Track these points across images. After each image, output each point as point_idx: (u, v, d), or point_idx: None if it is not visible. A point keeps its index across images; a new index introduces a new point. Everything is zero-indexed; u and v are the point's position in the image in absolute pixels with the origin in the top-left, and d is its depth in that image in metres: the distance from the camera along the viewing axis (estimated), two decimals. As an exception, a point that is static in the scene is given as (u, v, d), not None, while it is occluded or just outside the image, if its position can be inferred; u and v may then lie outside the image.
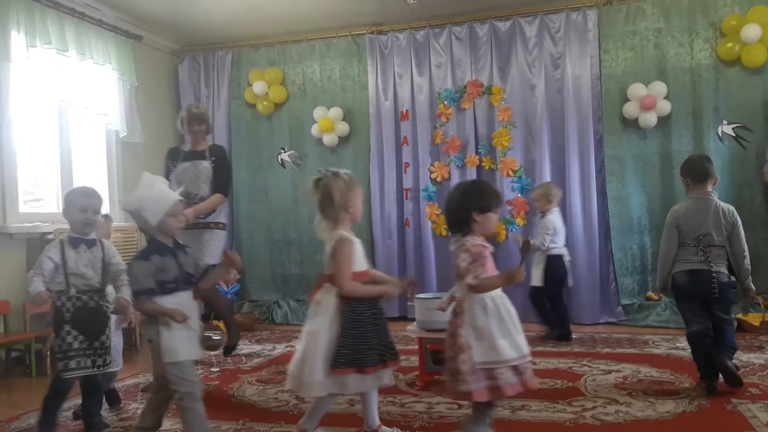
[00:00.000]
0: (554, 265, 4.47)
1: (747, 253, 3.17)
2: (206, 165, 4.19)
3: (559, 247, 4.51)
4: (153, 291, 2.40)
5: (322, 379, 2.37)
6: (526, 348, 2.29)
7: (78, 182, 5.08)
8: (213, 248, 4.26)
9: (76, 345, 2.69)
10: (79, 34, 4.88)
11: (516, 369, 2.24)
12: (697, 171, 3.22)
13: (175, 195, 2.53)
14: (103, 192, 5.38)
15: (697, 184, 3.21)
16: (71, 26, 4.80)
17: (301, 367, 2.42)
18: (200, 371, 4.03)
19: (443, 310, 2.41)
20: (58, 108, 4.91)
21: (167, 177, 4.08)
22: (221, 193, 4.19)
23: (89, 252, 2.78)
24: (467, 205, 2.37)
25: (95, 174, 5.38)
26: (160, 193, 2.53)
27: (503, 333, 2.27)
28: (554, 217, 4.54)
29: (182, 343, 2.42)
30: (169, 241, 2.51)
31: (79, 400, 3.05)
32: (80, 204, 2.76)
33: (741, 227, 3.17)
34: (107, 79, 5.25)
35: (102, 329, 2.77)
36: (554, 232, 4.46)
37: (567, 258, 4.57)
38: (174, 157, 4.31)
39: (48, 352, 3.03)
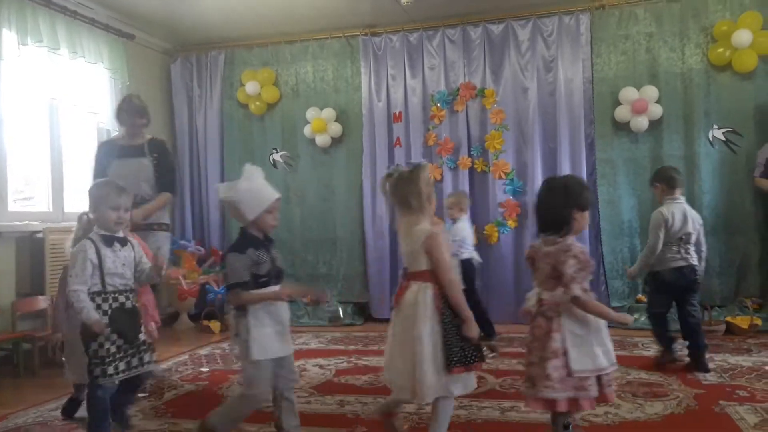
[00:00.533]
0: (467, 269, 4.57)
1: None
2: (146, 162, 3.89)
3: (470, 251, 4.63)
4: (249, 284, 2.39)
5: (435, 382, 2.28)
6: (614, 357, 2.27)
7: (69, 181, 5.07)
8: (161, 251, 4.18)
9: (113, 350, 2.54)
10: (71, 33, 4.86)
11: (600, 380, 2.21)
12: (672, 178, 3.69)
13: (274, 192, 2.55)
14: (94, 191, 5.36)
15: (672, 190, 3.67)
16: (63, 24, 4.78)
17: (410, 374, 2.30)
18: (190, 371, 4.02)
19: (530, 313, 2.33)
20: (49, 106, 4.88)
21: (101, 174, 3.75)
22: (168, 192, 3.94)
23: (123, 251, 2.66)
24: (569, 202, 2.27)
25: (86, 173, 5.34)
26: (261, 189, 2.53)
27: (598, 341, 2.23)
28: (464, 224, 4.68)
29: (271, 340, 2.40)
30: (261, 235, 2.51)
31: (65, 398, 3.03)
32: (112, 202, 2.61)
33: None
34: (99, 78, 5.23)
35: (138, 329, 2.66)
36: (462, 240, 4.58)
37: (477, 260, 4.69)
38: (108, 152, 3.95)
39: (57, 351, 2.88)
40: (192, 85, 6.34)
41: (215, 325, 5.46)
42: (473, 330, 2.31)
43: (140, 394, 3.21)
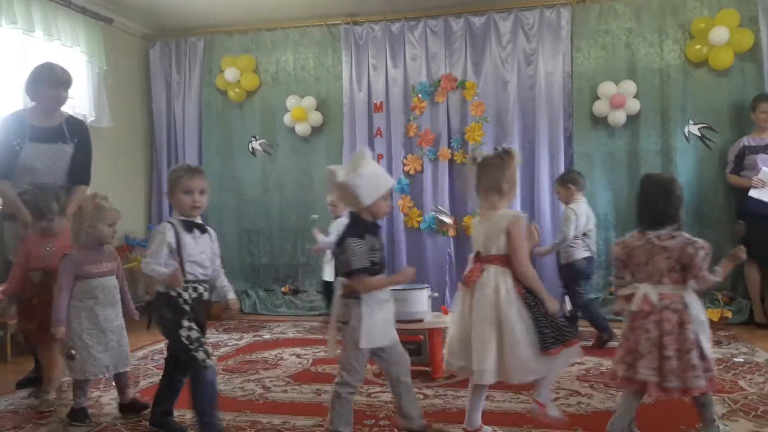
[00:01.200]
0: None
1: None
2: (68, 149, 3.34)
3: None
4: (368, 270, 2.34)
5: (535, 365, 2.32)
6: None
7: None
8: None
9: (198, 336, 2.48)
10: (47, 15, 4.76)
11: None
12: (580, 182, 4.25)
13: (390, 178, 2.48)
14: (69, 177, 5.28)
15: (581, 191, 4.23)
16: (38, 6, 4.68)
17: (497, 356, 2.33)
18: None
19: (644, 311, 2.33)
20: (23, 90, 4.77)
21: (11, 160, 3.24)
22: (85, 185, 3.40)
23: (203, 238, 2.55)
24: (680, 198, 2.42)
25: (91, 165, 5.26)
26: (380, 173, 2.47)
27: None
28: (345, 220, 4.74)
29: (379, 329, 2.39)
30: (371, 221, 2.45)
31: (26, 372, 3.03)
32: (184, 185, 2.48)
33: None
34: (75, 62, 5.12)
35: (206, 324, 2.59)
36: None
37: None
38: (19, 133, 3.26)
39: (71, 352, 2.74)
40: (171, 71, 6.25)
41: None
42: (554, 305, 2.38)
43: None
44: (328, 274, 4.79)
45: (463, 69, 5.59)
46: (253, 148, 6.10)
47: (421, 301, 3.45)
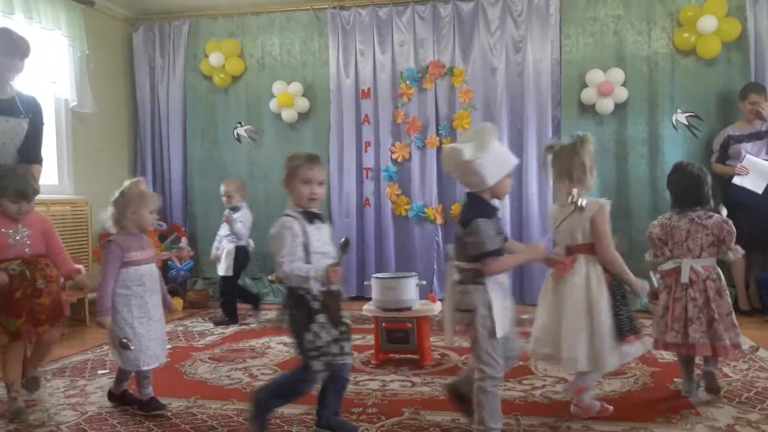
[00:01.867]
0: (242, 255, 4.81)
1: None
2: (24, 124, 3.09)
3: (246, 238, 4.87)
4: (499, 252, 2.24)
5: (617, 353, 2.40)
6: None
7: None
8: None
9: (328, 338, 2.32)
10: (26, -4, 4.65)
11: None
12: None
13: (514, 157, 2.36)
14: (52, 163, 5.19)
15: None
16: (17, -13, 4.57)
17: (586, 344, 2.38)
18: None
19: (694, 280, 2.67)
20: (2, 73, 4.67)
21: None
22: (39, 164, 3.20)
23: (323, 228, 2.43)
24: (709, 184, 2.78)
25: (44, 144, 5.16)
26: (505, 151, 2.35)
27: None
28: (247, 211, 4.91)
29: (508, 314, 2.29)
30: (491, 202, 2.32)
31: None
32: (303, 175, 2.37)
33: None
34: (57, 46, 5.02)
35: (340, 311, 2.41)
36: (246, 226, 4.82)
37: (251, 248, 4.97)
38: None
39: (124, 341, 2.63)
40: (154, 55, 6.15)
41: (178, 301, 5.38)
42: (643, 287, 2.49)
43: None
44: (228, 268, 4.78)
45: (452, 55, 5.55)
46: (238, 134, 6.04)
47: (409, 289, 3.43)
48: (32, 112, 3.15)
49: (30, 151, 3.13)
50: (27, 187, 2.83)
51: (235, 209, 4.82)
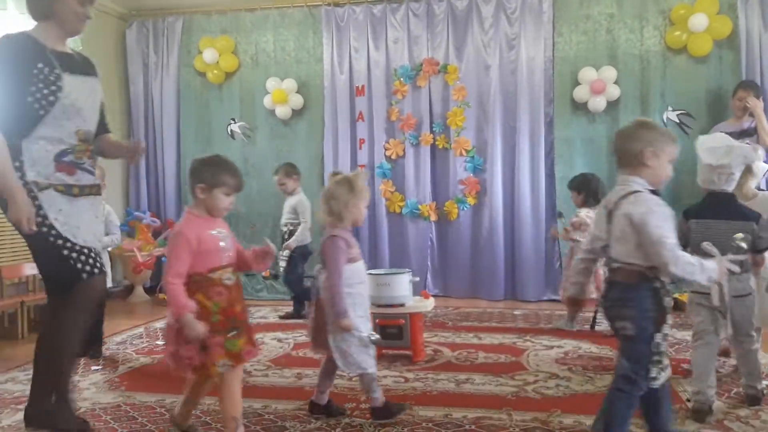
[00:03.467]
0: (303, 252, 4.85)
1: None
2: (99, 85, 2.65)
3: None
4: None
5: None
6: None
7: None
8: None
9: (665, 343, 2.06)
10: (19, -8, 4.63)
11: None
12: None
13: None
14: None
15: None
16: (10, -18, 4.55)
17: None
18: (145, 344, 3.97)
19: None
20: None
21: (44, 98, 2.36)
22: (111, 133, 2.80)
23: None
24: None
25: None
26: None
27: None
28: (303, 195, 4.89)
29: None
30: None
31: (15, 372, 2.96)
32: (672, 153, 2.14)
33: None
34: (49, 41, 5.00)
35: None
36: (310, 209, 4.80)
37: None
38: (43, 58, 2.38)
39: (375, 337, 2.45)
40: (148, 52, 6.14)
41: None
42: None
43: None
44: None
45: (445, 53, 5.57)
46: (232, 130, 6.03)
47: (402, 285, 3.45)
48: (98, 73, 2.70)
49: (104, 118, 2.70)
50: (241, 178, 2.44)
51: (292, 194, 4.78)
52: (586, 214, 4.05)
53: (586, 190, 4.17)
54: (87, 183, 2.54)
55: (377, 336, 2.57)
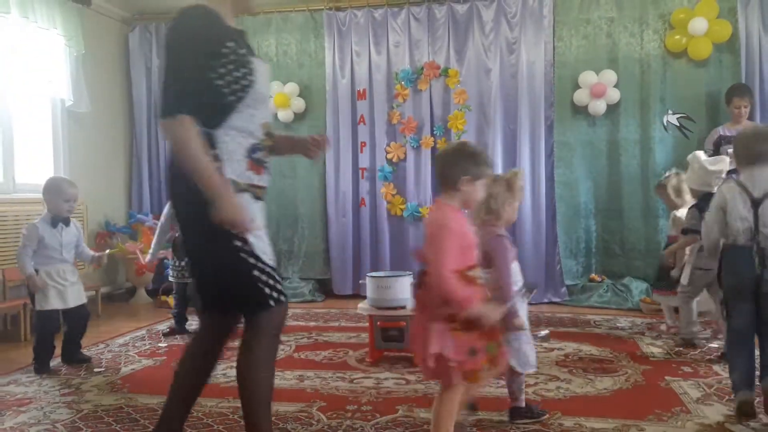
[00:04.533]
0: None
1: None
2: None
3: None
4: None
5: None
6: None
7: (20, 151, 4.89)
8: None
9: None
10: (23, -4, 4.66)
11: None
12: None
13: None
14: (48, 162, 5.21)
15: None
16: (14, -13, 4.58)
17: None
18: (147, 346, 3.98)
19: None
20: (-2, 73, 4.68)
21: (236, 81, 2.00)
22: None
23: None
24: None
25: (40, 143, 5.19)
26: None
27: None
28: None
29: None
30: None
31: (17, 374, 2.97)
32: None
33: None
34: (53, 45, 5.04)
35: None
36: None
37: None
38: (229, 34, 2.09)
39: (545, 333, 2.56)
40: (150, 56, 6.17)
41: (172, 300, 5.39)
42: None
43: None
44: None
45: (446, 56, 5.59)
46: (234, 134, 6.04)
47: (403, 288, 3.47)
48: None
49: None
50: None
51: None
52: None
53: None
54: (265, 185, 2.20)
55: (547, 331, 2.56)
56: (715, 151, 4.90)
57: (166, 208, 4.38)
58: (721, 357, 3.38)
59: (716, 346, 3.65)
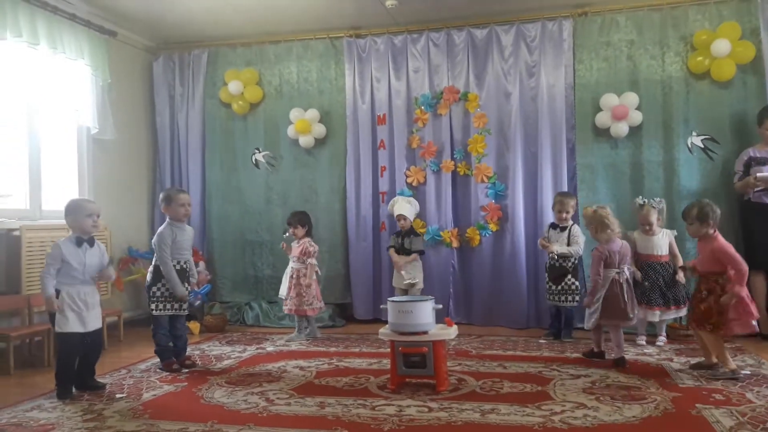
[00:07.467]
0: None
1: None
2: None
3: None
4: None
5: None
6: None
7: (47, 179, 4.98)
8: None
9: None
10: (51, 28, 4.78)
11: None
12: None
13: None
14: (73, 188, 5.29)
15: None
16: (43, 19, 4.71)
17: None
18: (168, 372, 3.98)
19: None
20: (27, 102, 4.80)
21: None
22: None
23: None
24: None
25: (65, 170, 5.28)
26: None
27: None
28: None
29: None
30: None
31: (40, 399, 2.97)
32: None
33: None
34: (79, 75, 5.15)
35: None
36: None
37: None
38: None
39: None
40: (174, 84, 6.28)
41: (195, 326, 5.41)
42: None
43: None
44: None
45: (466, 81, 5.61)
46: (256, 160, 6.11)
47: (425, 312, 3.42)
48: None
49: None
50: None
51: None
52: None
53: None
54: None
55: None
56: (745, 172, 4.82)
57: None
58: None
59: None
